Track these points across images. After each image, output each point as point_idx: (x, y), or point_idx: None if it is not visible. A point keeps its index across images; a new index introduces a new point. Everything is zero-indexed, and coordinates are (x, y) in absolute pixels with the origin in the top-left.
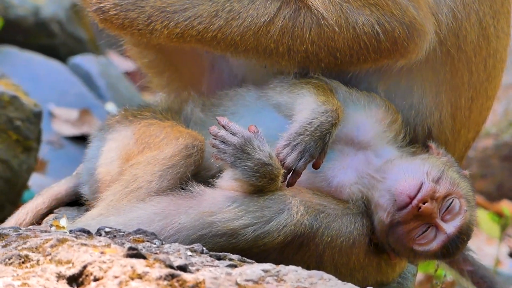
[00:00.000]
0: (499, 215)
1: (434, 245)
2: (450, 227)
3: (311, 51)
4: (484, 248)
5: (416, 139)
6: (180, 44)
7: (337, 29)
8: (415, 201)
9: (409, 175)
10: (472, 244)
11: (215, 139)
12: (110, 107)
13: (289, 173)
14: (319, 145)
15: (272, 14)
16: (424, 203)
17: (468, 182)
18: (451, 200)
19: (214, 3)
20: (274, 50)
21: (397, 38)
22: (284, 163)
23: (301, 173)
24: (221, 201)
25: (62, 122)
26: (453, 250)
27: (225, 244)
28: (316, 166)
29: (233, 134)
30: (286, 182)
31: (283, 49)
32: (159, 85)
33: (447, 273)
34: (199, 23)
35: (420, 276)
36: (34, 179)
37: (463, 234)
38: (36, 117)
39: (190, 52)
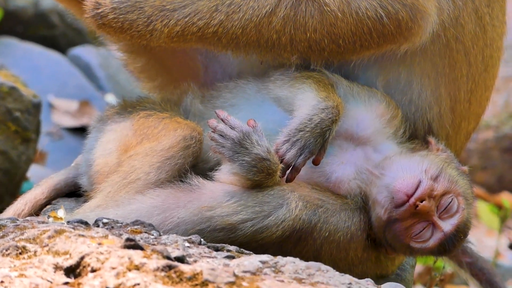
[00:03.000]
0: (499, 207)
1: (431, 242)
2: (447, 225)
3: (313, 40)
4: (484, 240)
5: (416, 134)
6: (181, 44)
7: (339, 14)
8: (412, 199)
9: (407, 172)
10: (472, 236)
11: (214, 132)
12: (110, 98)
13: (288, 169)
14: (319, 141)
15: (273, 4)
16: (421, 201)
17: (467, 179)
18: (449, 198)
19: None
20: (276, 41)
21: (400, 20)
22: (283, 159)
23: (300, 169)
24: (220, 196)
25: (61, 113)
26: (450, 247)
27: (223, 239)
28: (316, 163)
29: (232, 128)
30: (285, 177)
31: (285, 39)
32: (153, 88)
33: (446, 265)
34: (199, 19)
35: (419, 268)
36: (34, 170)
37: (460, 232)
38: (35, 108)
39: (183, 55)
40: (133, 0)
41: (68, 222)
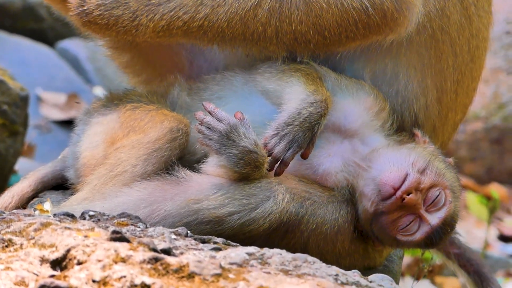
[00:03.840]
0: (488, 198)
1: (418, 235)
2: (434, 219)
3: (299, 32)
4: (473, 231)
5: (403, 127)
6: (166, 38)
7: (325, 6)
8: (399, 193)
9: (394, 165)
10: (461, 227)
11: (201, 124)
12: (98, 91)
13: (276, 163)
14: (307, 135)
15: None
16: (408, 194)
17: (454, 171)
18: (436, 191)
19: None
20: (262, 34)
21: (386, 11)
22: (272, 153)
23: (289, 163)
24: (207, 188)
25: (50, 106)
26: (437, 240)
27: (210, 231)
28: (304, 157)
29: (219, 120)
30: (273, 171)
31: (271, 31)
32: (138, 82)
33: (434, 256)
34: (184, 12)
35: (407, 259)
36: (22, 164)
37: (447, 225)
38: (22, 101)
39: (168, 50)
40: None
41: (54, 215)
